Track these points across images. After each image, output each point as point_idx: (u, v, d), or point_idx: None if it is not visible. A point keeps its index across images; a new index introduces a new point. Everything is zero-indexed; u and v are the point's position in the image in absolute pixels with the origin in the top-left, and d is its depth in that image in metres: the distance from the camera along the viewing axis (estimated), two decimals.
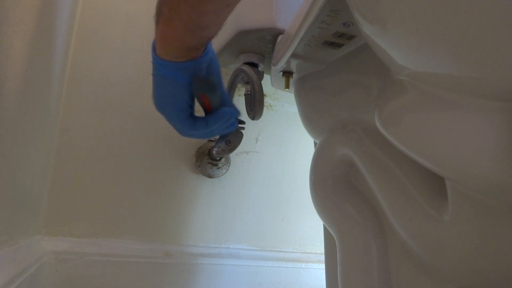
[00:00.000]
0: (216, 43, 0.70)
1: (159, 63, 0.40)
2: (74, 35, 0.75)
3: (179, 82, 0.40)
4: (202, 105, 0.45)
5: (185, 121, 0.43)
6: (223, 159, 0.83)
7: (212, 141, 0.83)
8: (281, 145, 0.92)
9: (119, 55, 0.78)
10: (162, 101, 0.42)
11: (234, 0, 0.35)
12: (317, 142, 0.57)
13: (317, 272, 0.88)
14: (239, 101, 0.85)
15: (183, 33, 0.36)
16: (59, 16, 0.60)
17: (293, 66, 0.56)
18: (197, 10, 0.34)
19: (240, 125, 0.54)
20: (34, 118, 0.54)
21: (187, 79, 0.40)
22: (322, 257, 0.64)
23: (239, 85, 0.68)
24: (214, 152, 0.69)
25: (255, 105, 0.57)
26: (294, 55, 0.50)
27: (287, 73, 0.59)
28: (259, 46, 0.63)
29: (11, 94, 0.42)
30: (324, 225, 0.55)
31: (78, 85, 0.74)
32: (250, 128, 0.89)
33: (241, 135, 0.62)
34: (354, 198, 0.48)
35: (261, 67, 0.67)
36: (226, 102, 0.46)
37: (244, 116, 0.62)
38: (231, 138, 0.63)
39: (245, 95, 0.63)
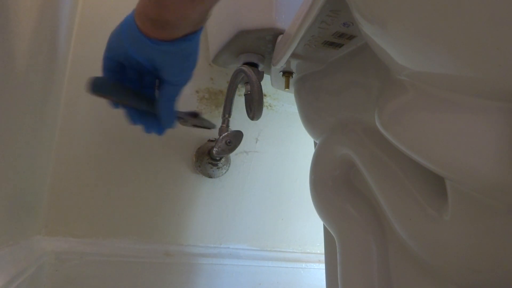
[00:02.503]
0: (216, 43, 0.70)
1: (130, 15, 0.41)
2: (74, 35, 0.75)
3: (125, 40, 0.41)
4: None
5: (108, 70, 0.45)
6: (223, 159, 0.83)
7: (212, 141, 0.83)
8: (281, 145, 0.92)
9: None
10: (110, 39, 0.44)
11: None
12: (317, 142, 0.57)
13: (317, 272, 0.88)
14: (239, 101, 0.85)
15: (146, 2, 0.37)
16: (59, 16, 0.60)
17: (293, 66, 0.56)
18: None
19: (197, 118, 0.52)
20: (34, 118, 0.54)
21: (134, 47, 0.41)
22: (322, 257, 0.64)
23: (239, 85, 0.68)
24: (214, 152, 0.69)
25: (255, 105, 0.57)
26: (294, 55, 0.50)
27: (287, 73, 0.59)
28: (259, 46, 0.63)
29: (11, 94, 0.42)
30: (324, 225, 0.55)
31: (78, 85, 0.74)
32: (250, 128, 0.89)
33: (241, 135, 0.62)
34: (354, 198, 0.48)
35: (261, 67, 0.67)
36: (163, 109, 0.45)
37: (246, 116, 0.63)
38: (231, 138, 0.63)
39: (245, 95, 0.63)
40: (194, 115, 0.52)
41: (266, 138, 0.91)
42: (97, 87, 0.43)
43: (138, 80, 0.46)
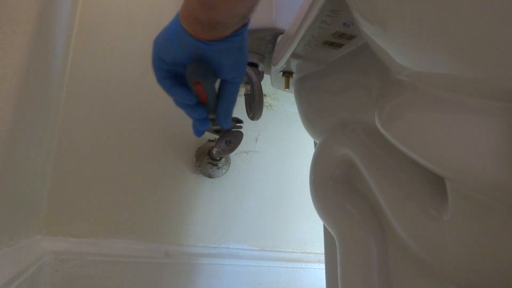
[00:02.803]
0: None
1: (175, 21, 0.39)
2: (74, 35, 0.75)
3: (175, 46, 0.39)
4: (197, 96, 0.43)
5: (163, 79, 0.42)
6: (223, 159, 0.83)
7: (212, 141, 0.83)
8: (281, 145, 0.92)
9: (119, 55, 0.78)
10: (157, 48, 0.41)
11: None
12: (317, 142, 0.57)
13: (317, 272, 0.88)
14: (239, 101, 0.85)
15: (194, 5, 0.36)
16: (59, 16, 0.60)
17: (293, 66, 0.56)
18: None
19: (237, 125, 0.54)
20: (34, 118, 0.54)
21: (186, 54, 0.39)
22: (322, 257, 0.64)
23: None
24: (214, 152, 0.69)
25: (255, 105, 0.57)
26: (294, 55, 0.50)
27: (287, 73, 0.59)
28: (259, 46, 0.63)
29: (11, 94, 0.42)
30: (324, 225, 0.55)
31: (78, 85, 0.74)
32: (250, 128, 0.89)
33: (241, 135, 0.62)
34: (354, 198, 0.48)
35: (261, 67, 0.67)
36: (223, 107, 0.44)
37: (246, 116, 0.63)
38: (231, 138, 0.63)
39: (245, 95, 0.63)
40: (238, 121, 0.53)
41: (266, 138, 0.91)
42: (196, 74, 0.41)
43: (186, 86, 0.44)
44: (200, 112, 0.44)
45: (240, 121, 0.54)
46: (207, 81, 0.41)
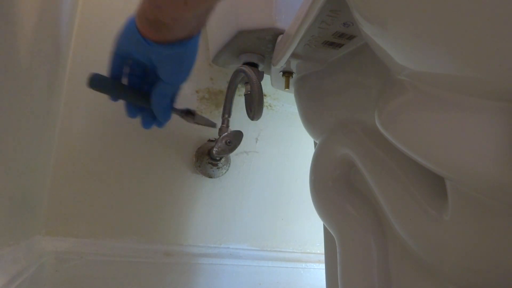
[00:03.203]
0: (216, 43, 0.70)
1: (132, 16, 0.43)
2: (74, 35, 0.75)
3: (127, 40, 0.43)
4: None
5: (114, 64, 0.48)
6: (223, 159, 0.83)
7: (212, 141, 0.83)
8: (281, 145, 0.92)
9: None
10: (117, 39, 0.46)
11: (193, 0, 0.36)
12: (317, 142, 0.57)
13: (317, 272, 0.88)
14: (239, 101, 0.85)
15: (145, 2, 0.38)
16: (60, 16, 0.60)
17: (293, 66, 0.56)
18: None
19: (190, 116, 0.55)
20: (34, 118, 0.54)
21: (132, 45, 0.43)
22: (322, 257, 0.64)
23: (239, 85, 0.68)
24: (214, 152, 0.69)
25: (255, 105, 0.57)
26: (294, 55, 0.50)
27: (287, 73, 0.59)
28: (259, 46, 0.63)
29: (11, 94, 0.42)
30: (324, 225, 0.55)
31: (78, 85, 0.74)
32: (250, 128, 0.89)
33: (241, 135, 0.62)
34: (354, 198, 0.48)
35: (261, 67, 0.67)
36: (154, 103, 0.48)
37: (246, 116, 0.63)
38: (231, 138, 0.63)
39: (245, 95, 0.63)
40: (188, 112, 0.53)
41: (266, 138, 0.91)
42: (95, 83, 0.46)
43: (142, 77, 0.48)
44: (129, 110, 0.51)
45: (190, 111, 0.55)
46: (107, 92, 0.47)
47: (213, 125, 0.55)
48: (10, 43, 0.39)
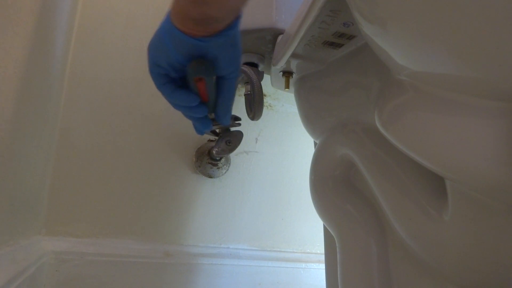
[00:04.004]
0: None
1: (166, 20, 0.39)
2: (74, 35, 0.75)
3: (170, 47, 0.39)
4: (198, 94, 0.43)
5: (163, 85, 0.42)
6: (223, 159, 0.83)
7: (212, 141, 0.83)
8: (281, 145, 0.92)
9: (119, 55, 0.78)
10: (152, 53, 0.41)
11: None
12: (317, 142, 0.57)
13: (317, 272, 0.88)
14: (239, 101, 0.85)
15: (185, 2, 0.35)
16: (59, 16, 0.60)
17: (293, 66, 0.56)
18: None
19: (236, 122, 0.54)
20: (34, 118, 0.54)
21: (180, 53, 0.39)
22: (322, 257, 0.64)
23: (239, 85, 0.68)
24: (214, 152, 0.69)
25: (255, 105, 0.57)
26: (294, 55, 0.50)
27: (287, 73, 0.59)
28: (259, 46, 0.63)
29: (11, 94, 0.42)
30: (324, 225, 0.55)
31: (78, 85, 0.74)
32: (250, 128, 0.89)
33: (241, 135, 0.62)
34: (354, 198, 0.48)
35: (261, 67, 0.67)
36: (223, 104, 0.44)
37: (246, 116, 0.63)
38: (231, 138, 0.63)
39: (245, 95, 0.63)
40: (236, 118, 0.53)
41: (266, 138, 0.91)
42: (199, 71, 0.40)
43: (187, 87, 0.44)
44: (201, 111, 0.44)
45: (238, 119, 0.54)
46: (210, 77, 0.41)
47: (238, 123, 0.56)
48: (10, 43, 0.39)
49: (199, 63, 0.39)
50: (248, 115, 0.62)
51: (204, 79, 0.41)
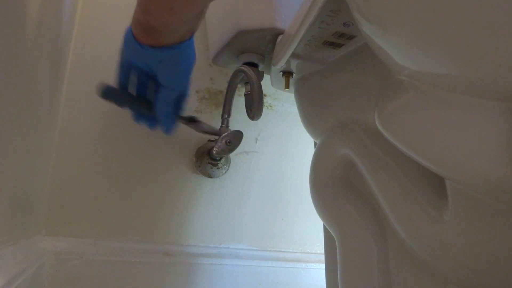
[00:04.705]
0: (216, 43, 0.70)
1: (128, 28, 0.44)
2: (74, 35, 0.75)
3: (124, 46, 0.45)
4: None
5: (120, 76, 0.50)
6: (223, 159, 0.83)
7: (212, 141, 0.83)
8: (281, 145, 0.92)
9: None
10: (121, 49, 0.48)
11: (178, 6, 0.36)
12: (317, 142, 0.57)
13: (317, 272, 0.88)
14: (239, 101, 0.85)
15: (137, 8, 0.39)
16: (59, 16, 0.60)
17: (293, 66, 0.56)
18: None
19: (193, 123, 0.56)
20: (34, 118, 0.54)
21: (131, 54, 0.44)
22: (322, 257, 0.64)
23: (239, 85, 0.68)
24: (214, 152, 0.69)
25: (255, 105, 0.57)
26: (294, 55, 0.50)
27: (287, 73, 0.59)
28: (259, 46, 0.63)
29: (11, 93, 0.42)
30: (324, 225, 0.55)
31: (78, 85, 0.74)
32: (250, 128, 0.89)
33: (241, 135, 0.62)
34: (354, 198, 0.48)
35: (261, 67, 0.67)
36: (159, 111, 0.49)
37: (246, 116, 0.63)
38: (231, 138, 0.63)
39: (245, 95, 0.63)
40: (191, 119, 0.54)
41: (266, 138, 0.91)
42: (107, 94, 0.48)
43: (147, 85, 0.49)
44: (135, 117, 0.52)
45: (192, 119, 0.55)
46: (115, 101, 0.49)
47: (217, 133, 0.56)
48: (10, 42, 0.39)
49: (102, 88, 0.48)
50: (248, 115, 0.62)
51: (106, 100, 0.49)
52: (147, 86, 0.49)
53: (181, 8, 0.37)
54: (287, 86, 0.60)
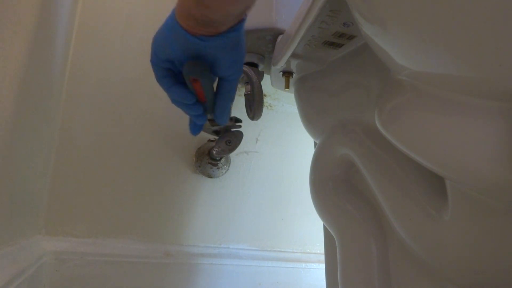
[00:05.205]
0: None
1: (171, 16, 0.39)
2: (74, 35, 0.75)
3: (171, 42, 0.39)
4: (195, 94, 0.43)
5: (162, 78, 0.42)
6: (223, 159, 0.83)
7: (212, 141, 0.83)
8: (281, 145, 0.92)
9: (119, 55, 0.78)
10: (155, 45, 0.41)
11: None
12: (317, 142, 0.57)
13: (317, 272, 0.88)
14: (239, 101, 0.85)
15: (189, 2, 0.35)
16: (59, 16, 0.60)
17: (293, 66, 0.56)
18: None
19: (237, 124, 0.54)
20: (34, 118, 0.54)
21: (181, 50, 0.39)
22: (322, 257, 0.64)
23: (239, 85, 0.68)
24: (214, 152, 0.69)
25: (255, 105, 0.57)
26: (294, 55, 0.50)
27: (287, 73, 0.59)
28: (259, 46, 0.63)
29: (11, 93, 0.42)
30: (324, 225, 0.55)
31: (78, 85, 0.74)
32: (250, 128, 0.89)
33: (241, 135, 0.62)
34: (354, 198, 0.48)
35: (261, 67, 0.67)
36: (220, 105, 0.44)
37: (246, 116, 0.63)
38: (231, 138, 0.63)
39: (245, 95, 0.63)
40: (237, 120, 0.53)
41: (266, 138, 0.91)
42: (193, 71, 0.40)
43: (185, 85, 0.44)
44: (197, 109, 0.44)
45: (239, 121, 0.54)
46: (205, 78, 0.40)
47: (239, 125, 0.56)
48: (10, 42, 0.39)
49: (194, 64, 0.39)
50: (248, 115, 0.62)
51: (199, 80, 0.40)
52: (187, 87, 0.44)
53: None
54: (287, 86, 0.60)
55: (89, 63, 0.75)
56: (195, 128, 0.48)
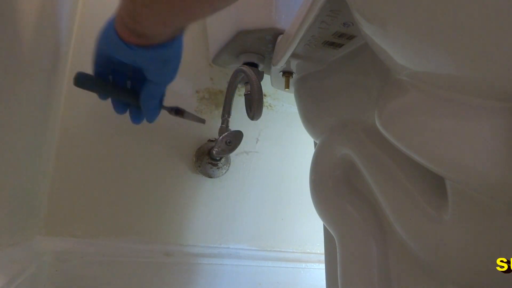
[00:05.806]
0: (216, 43, 0.70)
1: (112, 18, 0.42)
2: (74, 35, 0.75)
3: (106, 43, 0.43)
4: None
5: (97, 65, 0.47)
6: (223, 159, 0.83)
7: (212, 141, 0.83)
8: (281, 145, 0.92)
9: None
10: (97, 42, 0.45)
11: (172, 20, 0.35)
12: (317, 142, 0.57)
13: (317, 272, 0.88)
14: (239, 101, 0.85)
15: (124, 12, 0.38)
16: (59, 16, 0.60)
17: (293, 66, 0.56)
18: None
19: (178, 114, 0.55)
20: (34, 118, 0.54)
21: (113, 52, 0.42)
22: (322, 257, 0.64)
23: (239, 85, 0.68)
24: (214, 152, 0.69)
25: (255, 105, 0.57)
26: (294, 55, 0.50)
27: (287, 73, 0.59)
28: (259, 46, 0.63)
29: (11, 93, 0.42)
30: (324, 225, 0.55)
31: None
32: (250, 128, 0.89)
33: (241, 135, 0.62)
34: (354, 198, 0.48)
35: (261, 67, 0.67)
36: (143, 102, 0.47)
37: (246, 116, 0.63)
38: (231, 138, 0.63)
39: (245, 95, 0.63)
40: (177, 111, 0.54)
41: (266, 138, 0.91)
42: (81, 81, 0.45)
43: (127, 74, 0.47)
44: (117, 107, 0.51)
45: (179, 110, 0.55)
46: (93, 91, 0.47)
47: (202, 121, 0.56)
48: (10, 42, 0.39)
49: (80, 75, 0.46)
50: (248, 115, 0.62)
51: (84, 88, 0.47)
52: (127, 76, 0.48)
53: (175, 22, 0.36)
54: (287, 86, 0.60)
55: (89, 63, 0.75)
56: (134, 120, 0.53)
